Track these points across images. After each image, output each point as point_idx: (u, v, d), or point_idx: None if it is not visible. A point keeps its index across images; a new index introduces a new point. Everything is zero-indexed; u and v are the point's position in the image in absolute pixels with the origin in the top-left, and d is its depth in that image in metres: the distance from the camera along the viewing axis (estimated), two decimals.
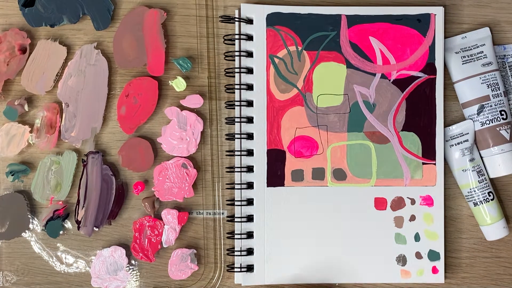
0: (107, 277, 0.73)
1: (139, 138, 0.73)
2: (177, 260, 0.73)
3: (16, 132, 0.72)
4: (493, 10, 0.75)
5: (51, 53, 0.72)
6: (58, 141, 0.73)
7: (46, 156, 0.73)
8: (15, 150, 0.72)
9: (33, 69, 0.72)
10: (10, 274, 0.73)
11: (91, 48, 0.73)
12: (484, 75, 0.73)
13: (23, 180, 0.73)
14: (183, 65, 0.73)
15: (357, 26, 0.73)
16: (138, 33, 0.73)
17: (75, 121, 0.72)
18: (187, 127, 0.73)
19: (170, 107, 0.73)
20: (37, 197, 0.72)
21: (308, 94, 0.73)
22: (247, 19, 0.73)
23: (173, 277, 0.73)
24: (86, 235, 0.73)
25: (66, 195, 0.73)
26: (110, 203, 0.73)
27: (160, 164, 0.73)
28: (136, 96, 0.73)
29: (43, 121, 0.72)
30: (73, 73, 0.72)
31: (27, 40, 0.72)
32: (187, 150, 0.73)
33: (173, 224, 0.73)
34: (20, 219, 0.72)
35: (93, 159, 0.72)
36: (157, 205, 0.73)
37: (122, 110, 0.73)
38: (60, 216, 0.72)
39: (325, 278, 0.73)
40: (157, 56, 0.72)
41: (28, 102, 0.73)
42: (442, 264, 0.74)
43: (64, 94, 0.72)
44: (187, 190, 0.73)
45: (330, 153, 0.73)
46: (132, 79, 0.73)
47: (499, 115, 0.73)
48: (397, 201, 0.74)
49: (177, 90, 0.73)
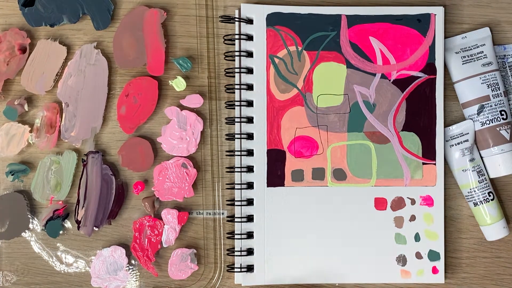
0: (107, 277, 0.73)
1: (139, 138, 0.73)
2: (177, 260, 0.73)
3: (16, 132, 0.72)
4: (493, 10, 0.75)
5: (51, 53, 0.72)
6: (58, 140, 0.73)
7: (46, 156, 0.73)
8: (15, 150, 0.72)
9: (33, 69, 0.72)
10: (10, 274, 0.73)
11: (91, 48, 0.73)
12: (484, 75, 0.73)
13: (23, 180, 0.73)
14: (183, 65, 0.73)
15: (357, 26, 0.73)
16: (138, 33, 0.73)
17: (75, 121, 0.72)
18: (187, 126, 0.73)
19: (170, 107, 0.73)
20: (37, 197, 0.72)
21: (308, 94, 0.73)
22: (247, 19, 0.73)
23: (173, 277, 0.73)
24: (86, 235, 0.73)
25: (66, 195, 0.73)
26: (110, 203, 0.73)
27: (160, 164, 0.73)
28: (136, 96, 0.73)
29: (43, 121, 0.72)
30: (73, 73, 0.72)
31: (27, 39, 0.72)
32: (187, 150, 0.73)
33: (173, 224, 0.73)
34: (20, 219, 0.72)
35: (93, 159, 0.72)
36: (157, 205, 0.73)
37: (122, 110, 0.73)
38: (60, 216, 0.72)
39: (325, 278, 0.74)
40: (157, 56, 0.72)
41: (28, 102, 0.73)
42: (442, 264, 0.74)
43: (64, 94, 0.72)
44: (187, 190, 0.73)
45: (330, 153, 0.73)
46: (132, 79, 0.73)
47: (499, 115, 0.73)
48: (397, 201, 0.74)
49: (177, 90, 0.73)
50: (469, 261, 0.75)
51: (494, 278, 0.75)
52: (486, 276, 0.75)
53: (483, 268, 0.75)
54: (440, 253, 0.74)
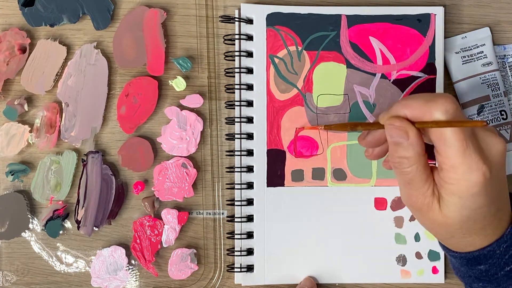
0: (107, 277, 0.73)
1: (139, 137, 0.73)
2: (177, 260, 0.73)
3: (16, 131, 0.72)
4: (493, 10, 0.75)
5: (51, 52, 0.72)
6: (58, 140, 0.72)
7: (46, 155, 0.73)
8: (14, 150, 0.72)
9: (32, 69, 0.72)
10: (10, 274, 0.73)
11: (91, 47, 0.73)
12: (484, 75, 0.73)
13: (22, 180, 0.73)
14: (183, 64, 0.73)
15: (357, 26, 0.73)
16: (138, 33, 0.72)
17: (75, 121, 0.72)
18: (187, 126, 0.73)
19: (170, 107, 0.73)
20: (37, 196, 0.72)
21: (308, 94, 0.73)
22: (247, 19, 0.73)
23: (173, 277, 0.73)
24: (86, 235, 0.73)
25: (66, 194, 0.73)
26: (110, 203, 0.73)
27: (160, 163, 0.73)
28: (136, 96, 0.73)
29: (43, 121, 0.72)
30: (73, 72, 0.72)
31: (27, 39, 0.72)
32: (187, 150, 0.73)
33: (173, 224, 0.73)
34: (20, 219, 0.72)
35: (93, 158, 0.72)
36: (157, 205, 0.73)
37: (122, 110, 0.73)
38: (60, 216, 0.72)
39: (325, 278, 0.74)
40: (157, 56, 0.72)
41: (28, 101, 0.73)
42: (442, 264, 0.74)
43: (64, 93, 0.72)
44: (187, 190, 0.73)
45: (330, 153, 0.73)
46: (131, 79, 0.73)
47: (499, 115, 0.73)
48: (397, 201, 0.74)
49: (177, 90, 0.73)
50: None
51: None
52: None
53: None
54: (440, 253, 0.74)
